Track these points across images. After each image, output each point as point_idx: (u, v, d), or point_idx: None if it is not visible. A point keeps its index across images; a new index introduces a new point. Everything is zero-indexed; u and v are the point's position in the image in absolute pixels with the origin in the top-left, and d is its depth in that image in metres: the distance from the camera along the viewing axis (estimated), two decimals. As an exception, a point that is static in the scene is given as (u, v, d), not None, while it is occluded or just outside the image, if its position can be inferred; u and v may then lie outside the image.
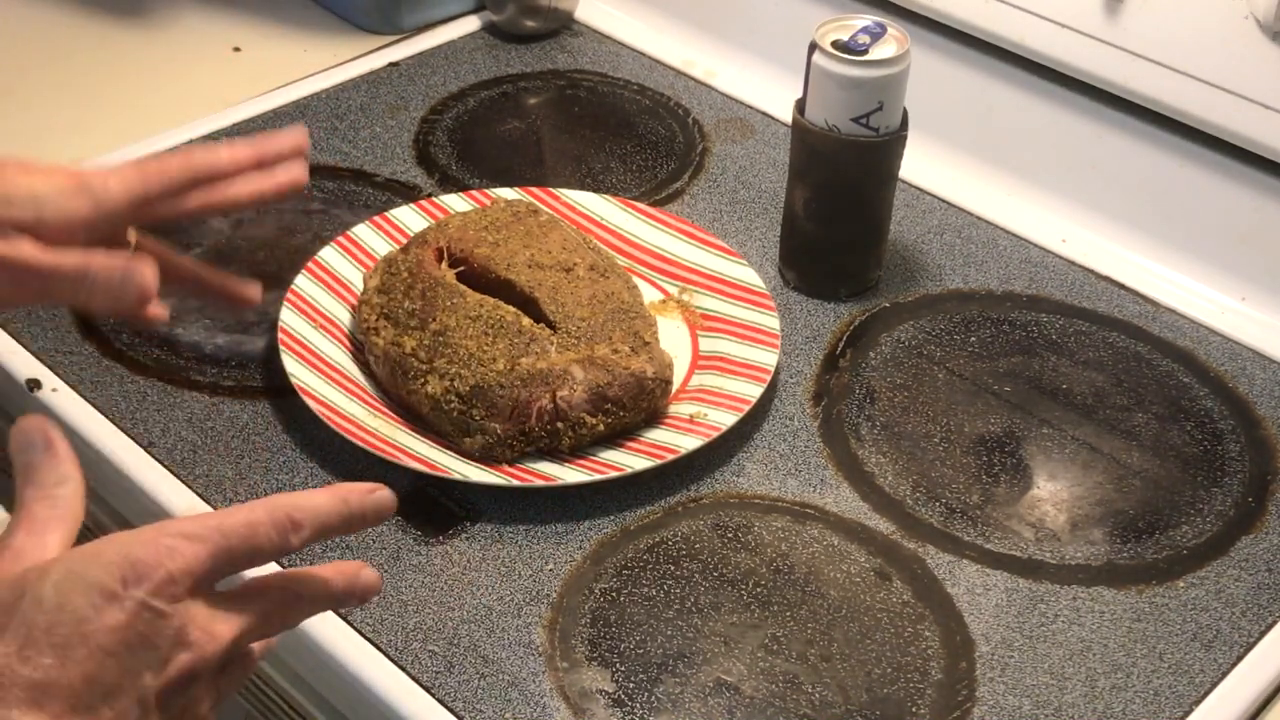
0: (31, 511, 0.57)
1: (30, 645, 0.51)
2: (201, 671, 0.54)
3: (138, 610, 0.52)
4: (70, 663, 0.51)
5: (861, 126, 0.95)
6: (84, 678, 0.51)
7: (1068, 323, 1.01)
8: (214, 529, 0.55)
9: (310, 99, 1.20)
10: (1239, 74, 0.98)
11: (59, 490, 0.57)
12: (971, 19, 1.11)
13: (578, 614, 0.79)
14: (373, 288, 0.93)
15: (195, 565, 0.54)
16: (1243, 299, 1.03)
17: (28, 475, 0.58)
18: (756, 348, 0.93)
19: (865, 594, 0.81)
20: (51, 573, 0.53)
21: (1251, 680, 0.78)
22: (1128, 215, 1.08)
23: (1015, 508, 0.87)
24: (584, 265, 0.93)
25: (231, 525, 0.55)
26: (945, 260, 1.07)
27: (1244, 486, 0.89)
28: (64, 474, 0.58)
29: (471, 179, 1.12)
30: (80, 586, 0.52)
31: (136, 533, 0.54)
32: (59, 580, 0.52)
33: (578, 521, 0.84)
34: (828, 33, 0.95)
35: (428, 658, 0.76)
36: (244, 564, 0.56)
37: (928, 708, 0.75)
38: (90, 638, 0.51)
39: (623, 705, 0.74)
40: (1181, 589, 0.83)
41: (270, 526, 0.56)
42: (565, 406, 0.85)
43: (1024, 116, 1.12)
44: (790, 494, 0.87)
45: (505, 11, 1.29)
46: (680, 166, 1.15)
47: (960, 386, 0.95)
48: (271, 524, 0.56)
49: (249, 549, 0.56)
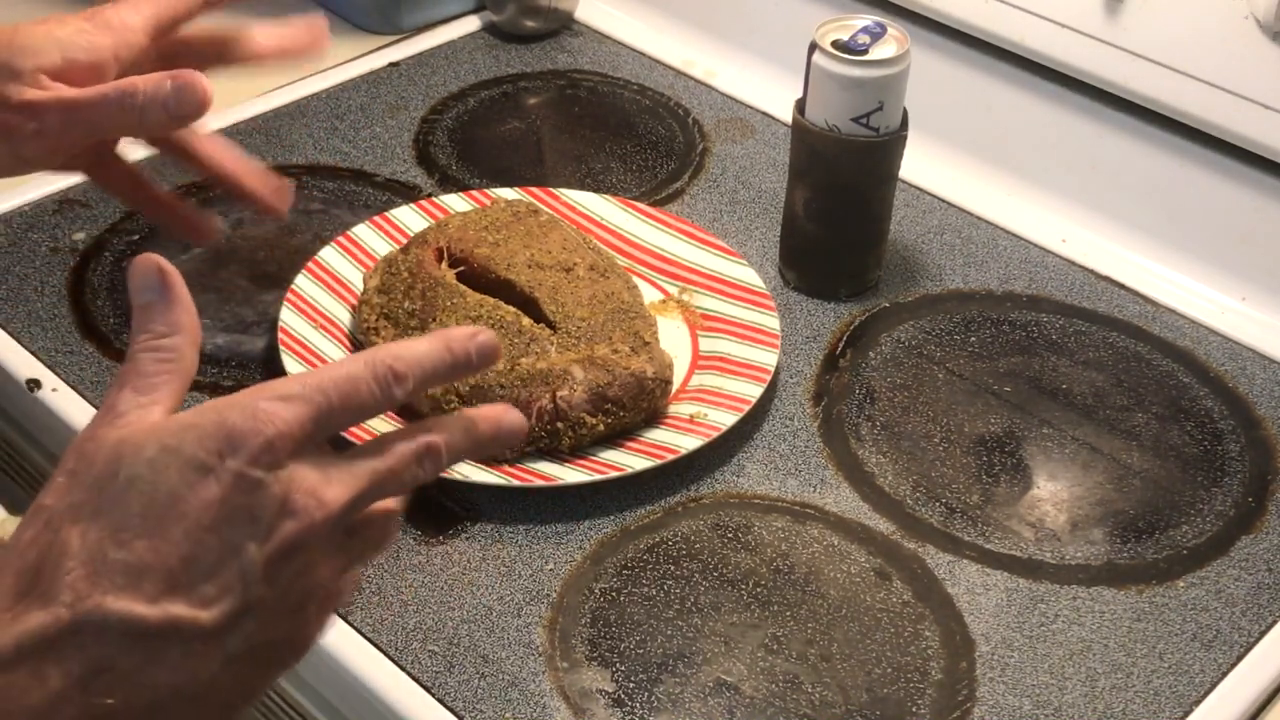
0: (139, 364, 0.54)
1: (124, 529, 0.49)
2: (310, 538, 0.52)
3: (235, 481, 0.50)
4: (166, 544, 0.49)
5: (861, 126, 0.95)
6: (181, 557, 0.49)
7: (1068, 323, 1.01)
8: (314, 388, 0.52)
9: (310, 99, 1.20)
10: (1239, 74, 0.98)
11: (169, 340, 0.54)
12: (971, 19, 1.11)
13: (578, 614, 0.79)
14: (373, 288, 0.93)
15: (295, 428, 0.51)
16: (1243, 299, 1.03)
17: (141, 320, 0.54)
18: (756, 348, 0.93)
19: (865, 594, 0.81)
20: (145, 447, 0.50)
21: (1251, 680, 0.78)
22: (1128, 215, 1.08)
23: (1015, 508, 0.87)
24: (584, 265, 0.93)
25: (331, 381, 0.52)
26: (945, 260, 1.07)
27: (1244, 486, 0.89)
28: (177, 321, 0.54)
29: (471, 179, 1.12)
30: (174, 462, 0.50)
31: (232, 399, 0.52)
32: (153, 456, 0.50)
33: (578, 521, 0.84)
34: (828, 33, 0.95)
35: (428, 658, 0.77)
36: (347, 421, 0.53)
37: (928, 708, 0.75)
38: (186, 516, 0.50)
39: (623, 705, 0.74)
40: (1181, 589, 0.83)
41: (372, 380, 0.53)
42: (565, 406, 0.85)
43: (1024, 116, 1.12)
44: (790, 494, 0.87)
45: (505, 11, 1.29)
46: (680, 166, 1.15)
47: (960, 386, 0.95)
48: (373, 377, 0.53)
49: (351, 406, 0.53)
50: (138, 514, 0.50)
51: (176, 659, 0.50)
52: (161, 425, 0.52)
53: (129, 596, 0.49)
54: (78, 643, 0.49)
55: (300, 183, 1.10)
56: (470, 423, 0.57)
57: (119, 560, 0.49)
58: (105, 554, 0.49)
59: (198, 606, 0.50)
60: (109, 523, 0.50)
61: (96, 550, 0.49)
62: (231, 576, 0.50)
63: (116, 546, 0.49)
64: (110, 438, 0.51)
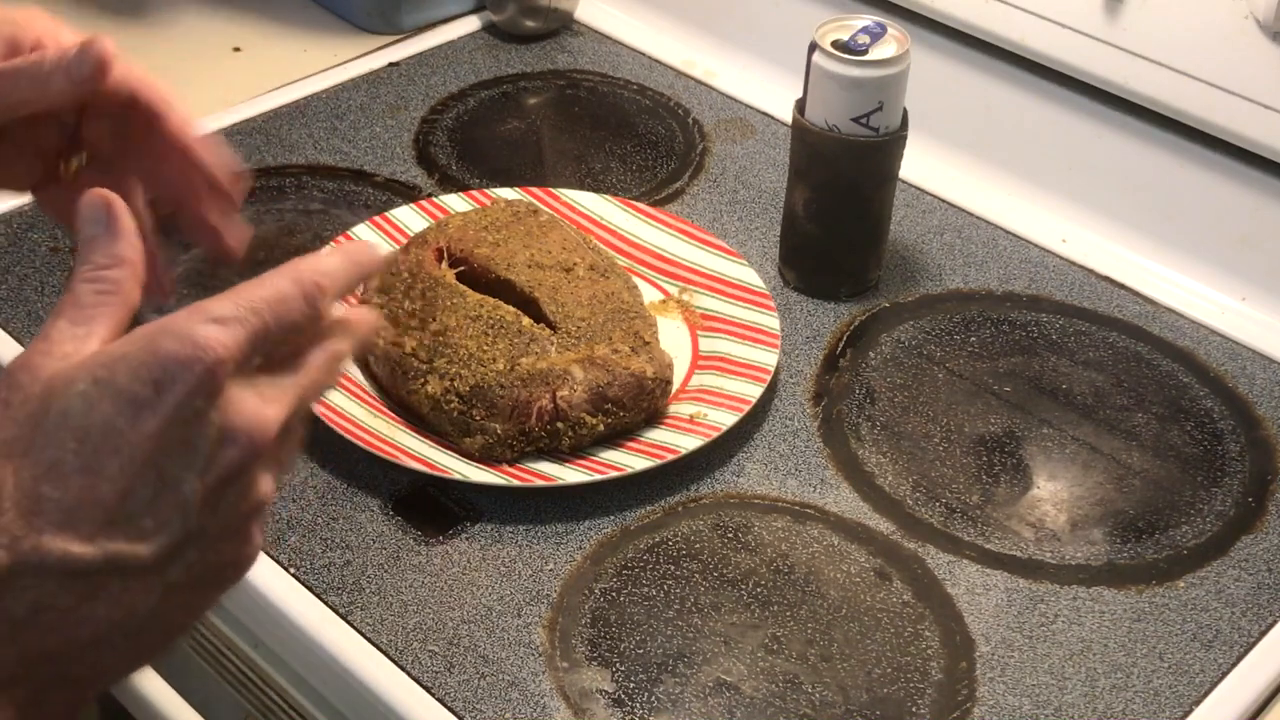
0: (77, 295, 0.52)
1: (58, 465, 0.48)
2: (251, 462, 0.51)
3: (173, 414, 0.48)
4: (102, 480, 0.48)
5: (861, 126, 0.95)
6: (118, 493, 0.48)
7: (1068, 323, 1.01)
8: (247, 309, 0.50)
9: (310, 99, 1.20)
10: (1239, 74, 0.98)
11: (110, 272, 0.52)
12: (971, 19, 1.11)
13: (578, 614, 0.79)
14: (373, 288, 0.93)
15: (234, 353, 0.50)
16: (1243, 299, 1.03)
17: (83, 252, 0.53)
18: (756, 348, 0.93)
19: (865, 594, 0.81)
20: (78, 380, 0.49)
21: (1251, 680, 0.78)
22: (1128, 215, 1.08)
23: (1015, 508, 0.87)
24: (584, 265, 0.93)
25: (264, 301, 0.51)
26: (945, 260, 1.07)
27: (1244, 486, 0.89)
28: (119, 253, 0.53)
29: (471, 179, 1.12)
30: (108, 394, 0.48)
31: (163, 324, 0.50)
32: (85, 390, 0.48)
33: (578, 521, 0.84)
34: (828, 33, 0.95)
35: (428, 658, 0.77)
36: (279, 339, 0.52)
37: (928, 708, 0.75)
38: (122, 450, 0.48)
39: (623, 705, 0.74)
40: (1181, 589, 0.83)
41: (301, 298, 0.52)
42: (565, 406, 0.85)
43: (1024, 116, 1.12)
44: (790, 494, 0.87)
45: (505, 11, 1.29)
46: (680, 166, 1.15)
47: (960, 386, 0.95)
48: (302, 295, 0.52)
49: (284, 324, 0.52)
50: (72, 450, 0.48)
51: (116, 594, 0.49)
52: (94, 357, 0.50)
53: (66, 535, 0.48)
54: (17, 585, 0.48)
55: (300, 183, 1.10)
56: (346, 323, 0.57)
57: (54, 498, 0.48)
58: (40, 492, 0.48)
59: (136, 541, 0.49)
60: (42, 459, 0.48)
61: (30, 489, 0.48)
62: (170, 509, 0.49)
63: (51, 484, 0.48)
64: (44, 369, 0.50)
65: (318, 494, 0.85)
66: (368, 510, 0.84)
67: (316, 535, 0.83)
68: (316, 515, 0.84)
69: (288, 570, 0.80)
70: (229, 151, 0.68)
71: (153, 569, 0.49)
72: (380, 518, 0.84)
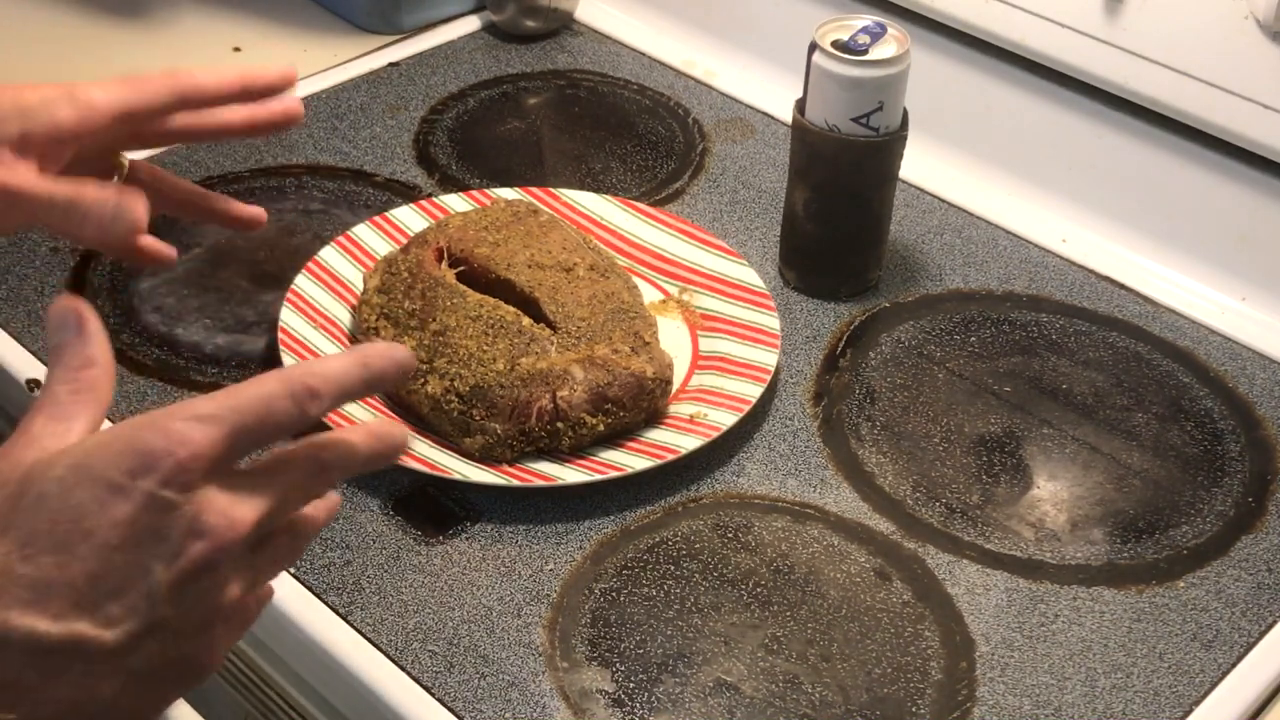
0: (54, 394, 0.54)
1: (32, 544, 0.49)
2: (220, 559, 0.52)
3: (145, 502, 0.50)
4: (73, 560, 0.49)
5: (861, 126, 0.95)
6: (87, 575, 0.50)
7: (1068, 323, 1.01)
8: (228, 408, 0.52)
9: (310, 99, 1.20)
10: (1239, 74, 0.98)
11: (84, 373, 0.55)
12: (971, 19, 1.11)
13: (578, 614, 0.79)
14: (373, 288, 0.93)
15: (209, 449, 0.51)
16: (1243, 299, 1.03)
17: (55, 356, 0.55)
18: (756, 348, 0.93)
19: (865, 594, 0.81)
20: (56, 466, 0.51)
21: (1251, 680, 0.78)
22: (1128, 215, 1.08)
23: (1015, 508, 0.87)
24: (584, 265, 0.93)
25: (246, 402, 0.52)
26: (945, 260, 1.07)
27: (1244, 486, 0.89)
28: (91, 356, 0.55)
29: (471, 179, 1.12)
30: (85, 480, 0.50)
31: (146, 418, 0.51)
32: (63, 474, 0.50)
33: (578, 521, 0.84)
34: (828, 33, 0.95)
35: (428, 658, 0.77)
36: (262, 441, 0.53)
37: (928, 708, 0.75)
38: (94, 534, 0.50)
39: (623, 705, 0.74)
40: (1181, 589, 0.83)
41: (287, 399, 0.53)
42: (565, 406, 0.85)
43: (1024, 116, 1.12)
44: (790, 494, 0.87)
45: (505, 11, 1.29)
46: (680, 166, 1.15)
47: (960, 386, 0.95)
48: (288, 395, 0.53)
49: (266, 426, 0.53)
50: (45, 530, 0.50)
51: (78, 676, 0.50)
52: (74, 446, 0.52)
53: (34, 613, 0.49)
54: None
55: (300, 183, 1.10)
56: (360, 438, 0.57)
57: (25, 575, 0.49)
58: (12, 568, 0.49)
59: (101, 626, 0.50)
60: (17, 537, 0.50)
61: (3, 565, 0.49)
62: (137, 596, 0.50)
63: (23, 561, 0.49)
64: (25, 459, 0.52)
65: (318, 494, 0.85)
66: (368, 510, 0.84)
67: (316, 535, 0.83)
68: (316, 515, 0.84)
69: (288, 570, 0.80)
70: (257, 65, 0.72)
71: (115, 655, 0.51)
72: (380, 518, 0.84)
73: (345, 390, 0.55)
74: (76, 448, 0.52)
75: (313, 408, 0.54)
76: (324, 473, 0.56)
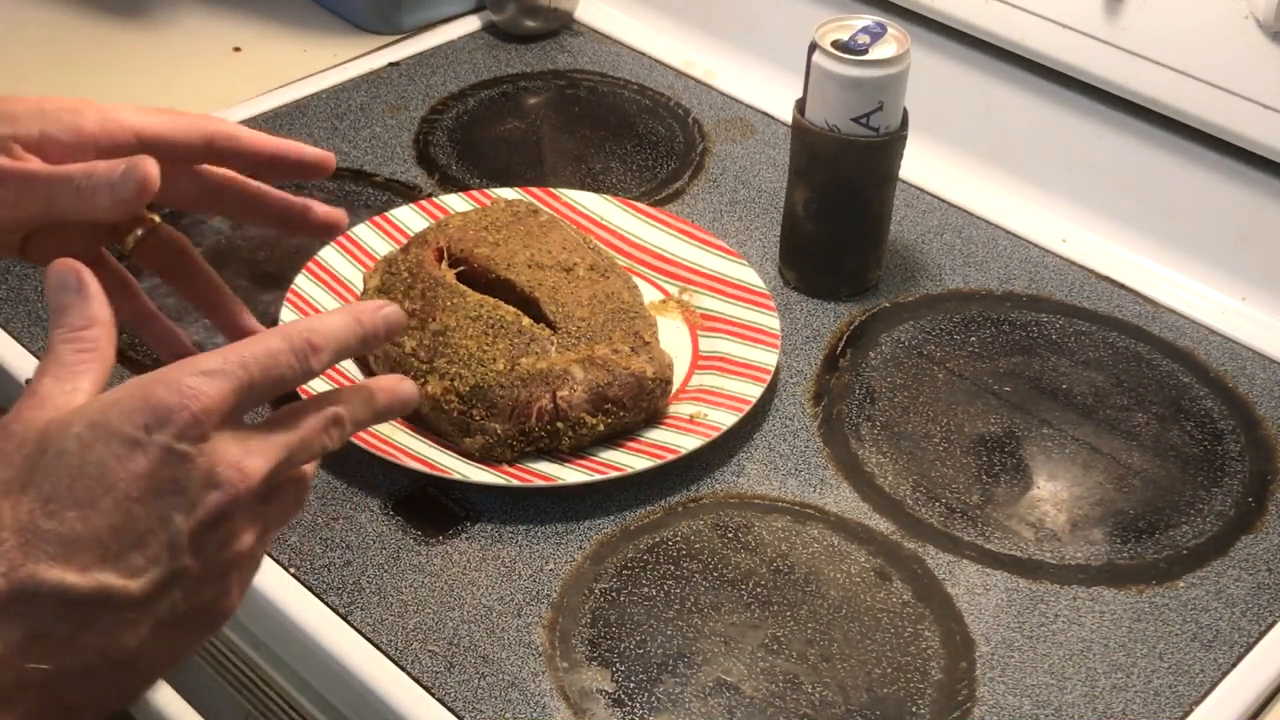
0: (58, 355, 0.56)
1: (54, 500, 0.51)
2: (234, 509, 0.54)
3: (162, 455, 0.52)
4: (96, 514, 0.51)
5: (861, 126, 0.95)
6: (111, 528, 0.51)
7: (1068, 323, 1.01)
8: (235, 363, 0.54)
9: (310, 99, 1.20)
10: (1239, 74, 0.98)
11: (87, 332, 0.56)
12: (971, 19, 1.11)
13: (578, 614, 0.79)
14: (373, 288, 0.93)
15: (219, 402, 0.53)
16: (1243, 299, 1.03)
17: (57, 317, 0.57)
18: (756, 348, 0.93)
19: (865, 594, 0.81)
20: (73, 424, 0.52)
21: (1251, 680, 0.78)
22: (1128, 215, 1.08)
23: (1015, 508, 0.87)
24: (584, 265, 0.93)
25: (252, 356, 0.55)
26: (945, 260, 1.07)
27: (1244, 486, 0.89)
28: (93, 315, 0.57)
29: (471, 179, 1.12)
30: (102, 436, 0.52)
31: (157, 374, 0.54)
32: (80, 431, 0.52)
33: (578, 521, 0.84)
34: (828, 33, 0.95)
35: (428, 658, 0.77)
36: (268, 394, 0.56)
37: (928, 708, 0.75)
38: (115, 487, 0.51)
39: (623, 705, 0.75)
40: (1181, 589, 0.83)
41: (290, 353, 0.56)
42: (565, 406, 0.85)
43: (1024, 116, 1.12)
44: (790, 494, 0.87)
45: (505, 11, 1.29)
46: (680, 166, 1.15)
47: (960, 386, 0.95)
48: (291, 350, 0.56)
49: (272, 378, 0.55)
50: (67, 486, 0.51)
51: (107, 626, 0.52)
52: (88, 404, 0.54)
53: (61, 566, 0.51)
54: (14, 610, 0.50)
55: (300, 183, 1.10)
56: (369, 393, 0.60)
57: (51, 530, 0.51)
58: (37, 525, 0.51)
59: (127, 576, 0.52)
60: (39, 494, 0.51)
61: (28, 521, 0.51)
62: (159, 546, 0.52)
63: (47, 517, 0.51)
64: (38, 419, 0.53)
65: (318, 494, 0.85)
66: (368, 510, 0.84)
67: (316, 535, 0.83)
68: (316, 515, 0.84)
69: (288, 570, 0.81)
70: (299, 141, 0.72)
71: (141, 604, 0.52)
72: (380, 518, 0.84)
73: (343, 346, 0.58)
74: (91, 405, 0.53)
75: (314, 362, 0.57)
76: (336, 425, 0.58)
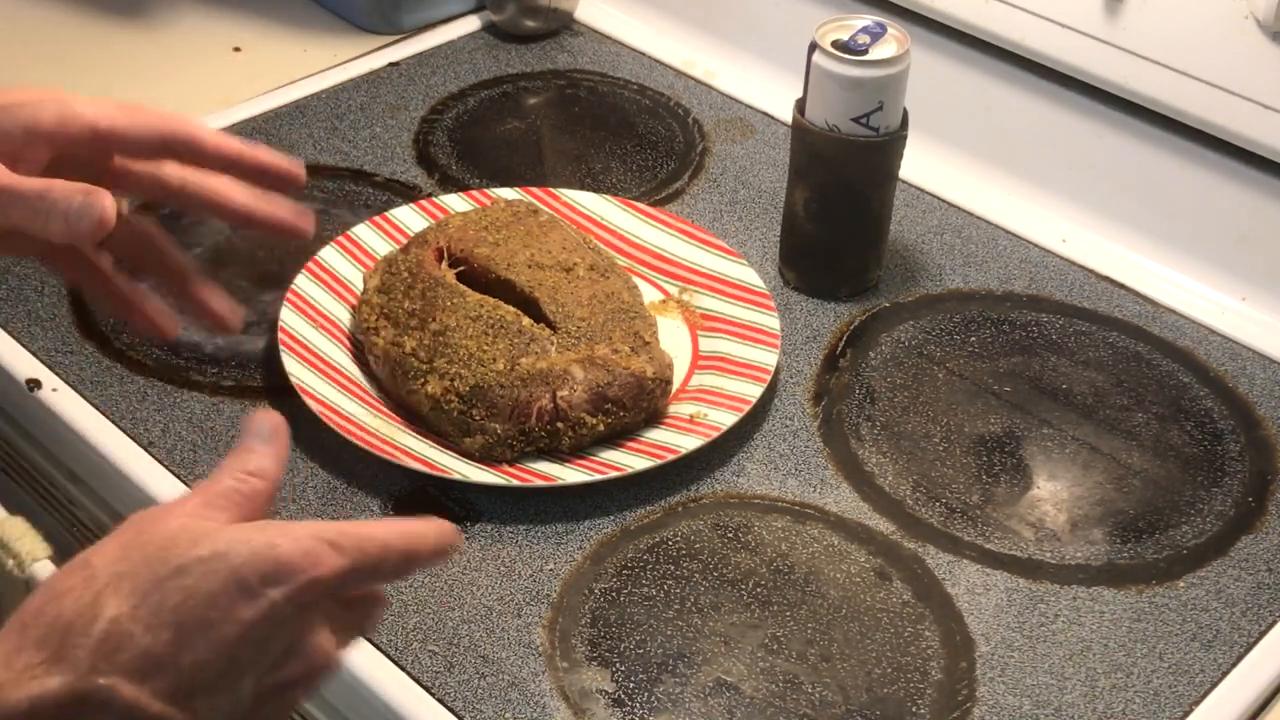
0: (220, 483, 0.57)
1: (157, 615, 0.51)
2: (301, 684, 0.55)
3: (269, 610, 0.52)
4: (186, 646, 0.51)
5: (861, 126, 0.95)
6: (195, 664, 0.52)
7: (1068, 323, 1.01)
8: (356, 545, 0.55)
9: (310, 99, 1.20)
10: (1239, 74, 0.98)
11: (256, 481, 0.58)
12: (971, 19, 1.11)
13: (578, 614, 0.79)
14: (373, 288, 0.93)
15: (333, 576, 0.54)
16: (1243, 299, 1.03)
17: (240, 455, 0.58)
18: (756, 348, 0.93)
19: (865, 594, 0.81)
20: (201, 544, 0.53)
21: (1251, 680, 0.78)
22: (1128, 215, 1.08)
23: (1015, 508, 0.87)
24: (584, 265, 0.93)
25: (371, 544, 0.55)
26: (945, 260, 1.07)
27: (1244, 486, 0.89)
28: (267, 470, 0.58)
29: (471, 179, 1.12)
30: (223, 571, 0.52)
31: (287, 527, 0.54)
32: (205, 556, 0.52)
33: (578, 521, 0.84)
34: (828, 33, 0.95)
35: (428, 658, 0.77)
36: (367, 584, 0.57)
37: (928, 708, 0.75)
38: (215, 626, 0.52)
39: (623, 705, 0.74)
40: (1181, 589, 0.83)
41: (400, 557, 0.57)
42: (565, 406, 0.85)
43: (1024, 116, 1.12)
44: (790, 494, 0.87)
45: (505, 11, 1.29)
46: (680, 166, 1.15)
47: (960, 386, 0.95)
48: (401, 554, 0.57)
49: (376, 573, 0.56)
50: (173, 606, 0.52)
51: None
52: (221, 530, 0.54)
53: (138, 685, 0.51)
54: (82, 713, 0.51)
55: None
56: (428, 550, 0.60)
57: (143, 644, 0.51)
58: (133, 633, 0.51)
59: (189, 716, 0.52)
60: (146, 605, 0.52)
61: (127, 626, 0.51)
62: (225, 699, 0.53)
63: (145, 630, 0.51)
64: (171, 523, 0.54)
65: (318, 494, 0.85)
66: (368, 510, 0.84)
67: (316, 535, 0.83)
68: (316, 515, 0.84)
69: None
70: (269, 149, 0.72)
71: None
72: (380, 518, 0.84)
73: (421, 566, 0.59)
74: (222, 532, 0.54)
75: (406, 574, 0.59)
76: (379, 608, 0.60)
